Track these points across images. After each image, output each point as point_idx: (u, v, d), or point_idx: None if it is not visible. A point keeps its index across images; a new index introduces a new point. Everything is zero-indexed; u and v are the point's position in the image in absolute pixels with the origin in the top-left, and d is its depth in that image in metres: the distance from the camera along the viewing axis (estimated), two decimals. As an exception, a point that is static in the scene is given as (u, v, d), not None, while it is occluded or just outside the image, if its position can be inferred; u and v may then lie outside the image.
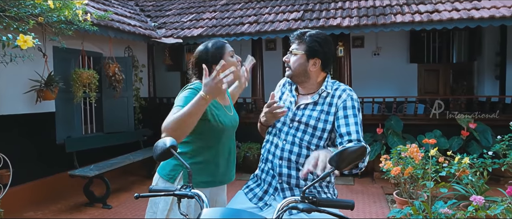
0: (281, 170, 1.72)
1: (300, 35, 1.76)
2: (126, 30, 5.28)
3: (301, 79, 1.77)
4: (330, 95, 1.73)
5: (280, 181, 1.73)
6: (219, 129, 1.81)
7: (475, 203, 2.55)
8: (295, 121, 1.75)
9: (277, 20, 5.91)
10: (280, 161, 1.73)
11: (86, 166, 4.84)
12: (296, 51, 1.74)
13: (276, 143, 1.77)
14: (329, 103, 1.72)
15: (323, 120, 1.70)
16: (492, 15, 4.83)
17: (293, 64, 1.75)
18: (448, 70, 7.69)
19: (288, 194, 1.72)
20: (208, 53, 1.83)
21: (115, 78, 5.12)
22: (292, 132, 1.74)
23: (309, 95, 1.78)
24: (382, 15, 5.39)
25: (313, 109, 1.73)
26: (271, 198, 1.75)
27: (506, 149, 4.30)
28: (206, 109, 1.74)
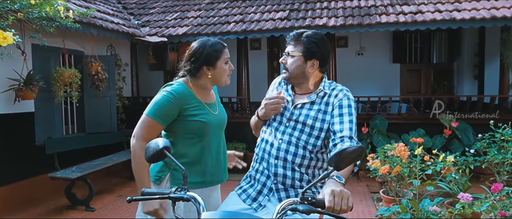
0: (277, 170, 1.70)
1: (297, 36, 1.73)
2: (109, 28, 5.14)
3: (299, 81, 1.76)
4: (328, 95, 1.72)
5: (275, 181, 1.71)
6: (201, 128, 1.77)
7: (463, 200, 2.60)
8: (292, 121, 1.72)
9: (263, 19, 5.89)
10: (276, 161, 1.70)
11: (67, 168, 4.69)
12: (294, 53, 1.71)
13: (271, 142, 1.74)
14: (326, 103, 1.71)
15: (320, 119, 1.69)
16: (473, 17, 4.96)
17: (291, 66, 1.72)
18: (429, 70, 7.87)
19: (282, 195, 1.70)
20: (203, 52, 1.76)
21: (98, 77, 4.98)
22: (289, 131, 1.71)
23: (306, 95, 1.76)
24: (367, 15, 5.45)
25: (310, 108, 1.72)
26: (265, 199, 1.72)
27: (487, 147, 4.43)
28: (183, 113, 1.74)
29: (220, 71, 1.80)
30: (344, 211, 1.22)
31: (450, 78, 7.75)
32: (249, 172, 1.87)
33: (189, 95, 1.77)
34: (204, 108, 1.80)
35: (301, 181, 1.70)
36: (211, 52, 1.76)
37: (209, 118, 1.80)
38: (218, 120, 1.85)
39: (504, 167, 4.23)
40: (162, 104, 1.72)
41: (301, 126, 1.70)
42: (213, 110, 1.85)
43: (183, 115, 1.75)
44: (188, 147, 1.79)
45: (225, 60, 1.80)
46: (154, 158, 1.44)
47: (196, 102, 1.78)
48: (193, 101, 1.77)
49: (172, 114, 1.74)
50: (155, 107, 1.72)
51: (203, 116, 1.78)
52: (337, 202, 1.21)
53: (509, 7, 5.17)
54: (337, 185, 1.30)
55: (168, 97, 1.73)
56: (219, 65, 1.78)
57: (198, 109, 1.78)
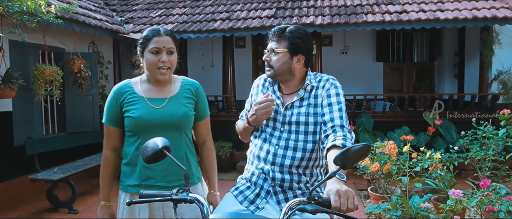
0: (274, 174, 1.66)
1: (280, 32, 1.66)
2: (93, 24, 4.99)
3: (285, 78, 1.69)
4: (315, 88, 1.69)
5: (273, 184, 1.68)
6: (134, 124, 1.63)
7: (454, 196, 2.65)
8: (286, 123, 1.68)
9: (249, 17, 5.86)
10: (272, 166, 1.66)
11: (49, 169, 4.53)
12: (278, 50, 1.65)
13: (267, 149, 1.69)
14: (315, 96, 1.68)
15: (312, 114, 1.66)
16: (456, 17, 5.08)
17: (276, 63, 1.65)
18: (411, 69, 8.03)
19: (281, 197, 1.67)
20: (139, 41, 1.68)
21: (80, 75, 4.82)
22: (285, 136, 1.67)
23: (294, 93, 1.72)
24: (353, 14, 5.50)
25: (300, 105, 1.68)
26: (263, 202, 1.69)
27: (469, 144, 4.55)
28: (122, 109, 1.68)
29: (147, 60, 1.63)
30: (350, 210, 1.21)
31: (431, 77, 7.94)
32: (244, 175, 1.83)
33: (127, 90, 1.69)
34: (141, 102, 1.64)
35: (299, 183, 1.67)
36: (141, 37, 1.67)
37: (141, 112, 1.63)
38: (161, 115, 1.65)
39: (486, 163, 4.35)
40: (107, 106, 1.71)
41: (295, 127, 1.66)
42: (156, 105, 1.66)
43: (122, 112, 1.68)
44: (128, 146, 1.69)
45: (152, 49, 1.61)
46: (152, 158, 1.38)
47: (132, 96, 1.66)
48: (130, 96, 1.67)
49: (116, 113, 1.68)
50: (104, 112, 1.71)
51: (134, 111, 1.63)
52: (343, 202, 1.20)
53: (489, 8, 5.32)
54: (341, 184, 1.29)
55: (110, 97, 1.71)
56: (146, 54, 1.63)
57: (132, 103, 1.65)
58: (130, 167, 1.68)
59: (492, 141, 4.38)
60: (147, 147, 1.39)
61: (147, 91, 1.70)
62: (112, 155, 1.72)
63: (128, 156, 1.68)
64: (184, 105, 1.73)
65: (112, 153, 1.72)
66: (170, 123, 1.68)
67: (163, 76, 1.66)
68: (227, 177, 5.53)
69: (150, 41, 1.63)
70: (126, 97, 1.68)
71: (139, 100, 1.67)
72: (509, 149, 4.43)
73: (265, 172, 1.68)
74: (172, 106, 1.71)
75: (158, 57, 1.62)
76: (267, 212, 1.67)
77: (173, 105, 1.71)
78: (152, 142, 1.39)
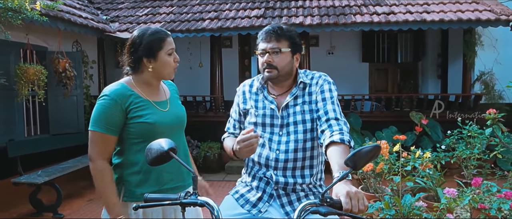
0: (278, 178, 1.64)
1: (279, 31, 1.64)
2: (78, 23, 4.84)
3: (285, 78, 1.68)
4: (308, 85, 1.68)
5: (276, 188, 1.66)
6: (149, 130, 1.57)
7: (448, 195, 2.69)
8: (284, 126, 1.66)
9: (238, 17, 5.82)
10: (275, 171, 1.65)
11: (32, 172, 4.37)
12: (284, 49, 1.63)
13: (267, 155, 1.66)
14: (309, 93, 1.67)
15: (308, 111, 1.65)
16: (441, 19, 5.20)
17: (281, 64, 1.63)
18: (396, 69, 8.18)
19: (284, 200, 1.66)
20: (142, 43, 1.55)
21: (65, 74, 4.67)
22: (284, 139, 1.65)
23: (287, 92, 1.70)
24: (342, 15, 5.55)
25: (295, 104, 1.67)
26: (266, 205, 1.67)
27: (455, 143, 4.67)
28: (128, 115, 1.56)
29: (163, 63, 1.57)
30: (361, 211, 1.20)
31: (415, 77, 8.10)
32: (243, 179, 1.80)
33: (130, 94, 1.57)
34: (151, 107, 1.60)
35: (302, 184, 1.67)
36: (151, 41, 1.55)
37: (157, 117, 1.60)
38: (170, 118, 1.65)
39: (471, 162, 4.46)
40: (103, 111, 1.53)
41: (294, 127, 1.65)
42: (163, 108, 1.64)
43: (128, 118, 1.56)
44: (137, 153, 1.60)
45: (168, 51, 1.58)
46: (158, 161, 1.34)
47: (140, 101, 1.59)
48: (136, 100, 1.58)
49: (119, 120, 1.54)
50: (97, 118, 1.53)
51: (149, 116, 1.58)
52: (354, 204, 1.19)
53: (473, 10, 5.47)
54: (349, 185, 1.28)
55: (107, 102, 1.53)
56: (161, 57, 1.56)
57: (142, 109, 1.58)
58: (142, 175, 1.60)
59: (477, 140, 4.51)
60: (151, 149, 1.35)
61: (149, 94, 1.64)
62: (107, 165, 1.59)
63: (139, 164, 1.59)
64: (180, 105, 1.78)
65: (107, 163, 1.59)
66: (178, 125, 1.69)
67: (173, 75, 1.65)
68: (215, 178, 5.48)
69: (165, 42, 1.58)
70: (132, 101, 1.58)
71: (147, 105, 1.61)
72: (491, 148, 4.57)
73: (267, 176, 1.67)
74: (174, 107, 1.71)
75: (173, 57, 1.62)
76: (271, 215, 1.66)
77: (175, 106, 1.72)
78: (156, 144, 1.35)
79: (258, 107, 1.72)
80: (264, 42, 1.65)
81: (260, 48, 1.66)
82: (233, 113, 1.84)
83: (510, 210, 2.62)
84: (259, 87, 1.73)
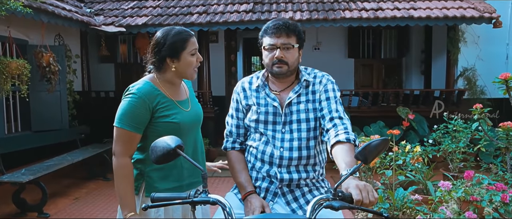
0: (282, 176, 1.64)
1: (289, 26, 1.64)
2: (62, 15, 4.67)
3: (292, 73, 1.68)
4: (311, 84, 1.68)
5: (280, 186, 1.66)
6: (174, 129, 1.60)
7: (443, 188, 2.76)
8: (287, 124, 1.65)
9: (227, 11, 5.76)
10: (279, 168, 1.64)
11: (15, 171, 4.20)
12: (295, 45, 1.63)
13: (271, 153, 1.65)
14: (313, 92, 1.68)
15: (311, 109, 1.66)
16: (428, 15, 5.30)
17: (291, 59, 1.63)
18: (381, 65, 8.30)
19: (289, 197, 1.66)
20: (165, 42, 1.58)
21: (49, 69, 4.50)
22: (288, 137, 1.64)
23: (288, 88, 1.70)
24: (331, 10, 5.58)
25: (298, 101, 1.67)
26: (270, 204, 1.66)
27: (441, 137, 4.79)
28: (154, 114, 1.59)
29: (186, 63, 1.60)
30: (372, 203, 1.22)
31: (400, 73, 8.24)
32: None
33: (157, 94, 1.60)
34: (175, 107, 1.64)
35: (306, 179, 1.67)
36: (175, 41, 1.57)
37: (182, 117, 1.64)
38: (191, 117, 1.69)
39: (456, 155, 4.59)
40: (130, 110, 1.55)
41: (297, 125, 1.65)
42: (185, 107, 1.68)
43: (154, 117, 1.59)
44: None
45: (191, 51, 1.60)
46: (164, 159, 1.33)
47: (166, 101, 1.62)
48: (162, 100, 1.61)
49: (145, 118, 1.57)
50: (124, 116, 1.55)
51: (175, 116, 1.62)
52: (365, 196, 1.21)
53: (457, 8, 5.60)
54: (357, 179, 1.31)
55: (134, 100, 1.55)
56: (184, 57, 1.59)
57: (168, 108, 1.62)
58: (165, 171, 1.63)
59: (462, 134, 4.64)
60: (157, 147, 1.33)
61: (173, 93, 1.67)
62: (130, 162, 1.61)
63: None
64: (197, 102, 1.82)
65: (130, 160, 1.61)
66: (197, 123, 1.75)
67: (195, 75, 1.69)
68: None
69: (188, 42, 1.60)
70: (159, 101, 1.60)
71: (171, 104, 1.64)
72: (475, 142, 4.72)
73: (271, 174, 1.65)
74: (194, 106, 1.76)
75: (195, 58, 1.64)
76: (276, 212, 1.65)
77: (194, 105, 1.76)
78: (162, 141, 1.33)
79: (260, 104, 1.70)
80: (274, 37, 1.62)
81: (269, 42, 1.63)
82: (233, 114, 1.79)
83: (501, 202, 2.70)
84: (261, 84, 1.71)
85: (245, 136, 1.79)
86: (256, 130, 1.71)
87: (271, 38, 1.63)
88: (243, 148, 1.79)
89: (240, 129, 1.78)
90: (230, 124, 1.80)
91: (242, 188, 1.66)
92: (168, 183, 1.62)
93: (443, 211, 2.66)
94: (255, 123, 1.69)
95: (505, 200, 2.69)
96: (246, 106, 1.74)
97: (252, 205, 1.57)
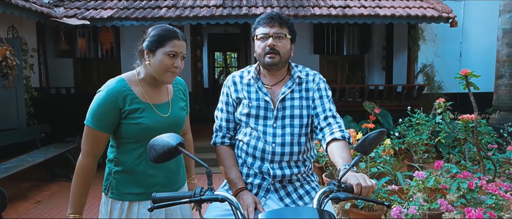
0: (275, 172, 1.64)
1: (282, 18, 1.65)
2: (20, 5, 4.32)
3: (283, 65, 1.69)
4: (304, 81, 1.70)
5: (273, 182, 1.66)
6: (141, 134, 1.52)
7: (418, 178, 2.90)
8: (279, 119, 1.66)
9: (197, 6, 5.65)
10: (272, 164, 1.64)
11: (-32, 174, 3.87)
12: (288, 35, 1.64)
13: (262, 148, 1.64)
14: (306, 89, 1.69)
15: (305, 106, 1.67)
16: (393, 14, 5.55)
17: (283, 49, 1.63)
18: (345, 61, 8.56)
19: (282, 192, 1.67)
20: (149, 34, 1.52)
21: (6, 64, 4.16)
22: (279, 132, 1.64)
23: (280, 82, 1.70)
24: (301, 7, 5.65)
25: (292, 97, 1.68)
26: (262, 201, 1.66)
27: (406, 130, 5.05)
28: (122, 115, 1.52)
29: (158, 61, 1.48)
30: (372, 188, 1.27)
31: (362, 69, 8.55)
32: None
33: (128, 94, 1.51)
34: (149, 109, 1.54)
35: (297, 174, 1.68)
36: (156, 35, 1.50)
37: (153, 122, 1.53)
38: (167, 123, 1.58)
39: (420, 147, 4.86)
40: (98, 108, 1.48)
41: (290, 121, 1.65)
42: (163, 112, 1.58)
43: (122, 118, 1.51)
44: (126, 153, 1.56)
45: (169, 51, 1.48)
46: (164, 157, 1.29)
47: (136, 102, 1.52)
48: (134, 101, 1.51)
49: (113, 118, 1.50)
50: (92, 113, 1.48)
51: (143, 120, 1.52)
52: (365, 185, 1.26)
53: (419, 7, 5.91)
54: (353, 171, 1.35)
55: (104, 99, 1.48)
56: (159, 54, 1.48)
57: (138, 111, 1.52)
58: (129, 175, 1.57)
59: (425, 127, 4.92)
60: (155, 145, 1.29)
61: (150, 94, 1.57)
62: (94, 162, 1.54)
63: (126, 164, 1.56)
64: (182, 108, 1.71)
65: (95, 160, 1.54)
66: (175, 129, 1.61)
67: (170, 80, 1.56)
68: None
69: (168, 42, 1.49)
70: (128, 101, 1.51)
71: (145, 107, 1.54)
72: (435, 134, 5.03)
73: (263, 170, 1.65)
74: (175, 110, 1.65)
75: (172, 61, 1.50)
76: (269, 208, 1.64)
77: (176, 110, 1.66)
78: (160, 140, 1.29)
79: (251, 99, 1.68)
80: (266, 26, 1.62)
81: (261, 32, 1.63)
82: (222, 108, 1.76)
83: (468, 189, 2.89)
84: (254, 77, 1.70)
85: (234, 131, 1.77)
86: (247, 125, 1.69)
87: (264, 28, 1.63)
88: (233, 143, 1.76)
89: (229, 123, 1.75)
90: (220, 119, 1.76)
91: (233, 185, 1.64)
92: (130, 188, 1.56)
93: (418, 199, 2.80)
94: (246, 117, 1.67)
95: (471, 187, 2.89)
96: (237, 99, 1.72)
97: (244, 202, 1.55)
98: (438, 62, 6.52)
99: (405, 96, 6.32)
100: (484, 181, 2.83)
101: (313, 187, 1.74)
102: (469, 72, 3.57)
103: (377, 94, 6.31)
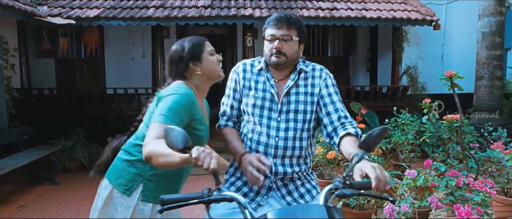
0: (277, 169, 1.66)
1: (289, 19, 1.67)
2: (3, 3, 4.19)
3: (291, 65, 1.71)
4: (310, 76, 1.72)
5: (275, 180, 1.67)
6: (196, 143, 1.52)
7: (409, 177, 2.97)
8: (284, 113, 1.68)
9: (185, 6, 5.61)
10: (274, 159, 1.66)
11: None
12: (294, 38, 1.66)
13: (265, 142, 1.66)
14: (312, 84, 1.71)
15: (310, 102, 1.69)
16: (379, 16, 5.65)
17: (290, 51, 1.65)
18: (330, 63, 8.66)
19: (283, 191, 1.69)
20: (184, 50, 1.64)
21: (-12, 63, 4.02)
22: (283, 126, 1.66)
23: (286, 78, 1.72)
24: (289, 8, 5.69)
25: (297, 92, 1.70)
26: (264, 199, 1.67)
27: (392, 130, 5.16)
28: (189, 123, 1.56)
29: (209, 62, 1.65)
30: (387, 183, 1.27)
31: (347, 71, 8.67)
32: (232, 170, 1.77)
33: (196, 103, 1.60)
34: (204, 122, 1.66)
35: (299, 172, 1.71)
36: (193, 45, 1.65)
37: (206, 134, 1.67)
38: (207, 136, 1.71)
39: (405, 147, 4.97)
40: (178, 108, 1.49)
41: (294, 115, 1.67)
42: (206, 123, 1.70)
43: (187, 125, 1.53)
44: None
45: (209, 51, 1.67)
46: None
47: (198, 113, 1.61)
48: (197, 111, 1.60)
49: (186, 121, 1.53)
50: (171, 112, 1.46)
51: (201, 132, 1.63)
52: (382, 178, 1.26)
53: (403, 10, 6.05)
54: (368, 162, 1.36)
55: (183, 100, 1.51)
56: (205, 57, 1.65)
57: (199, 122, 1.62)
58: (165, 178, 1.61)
59: (410, 127, 5.04)
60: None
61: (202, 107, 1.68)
62: None
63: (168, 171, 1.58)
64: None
65: None
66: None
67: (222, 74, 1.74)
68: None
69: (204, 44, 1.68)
70: (196, 109, 1.59)
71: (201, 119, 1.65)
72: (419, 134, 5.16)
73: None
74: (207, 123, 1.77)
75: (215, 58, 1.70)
76: (271, 207, 1.66)
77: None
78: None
79: (258, 89, 1.71)
80: (274, 28, 1.65)
81: (270, 33, 1.66)
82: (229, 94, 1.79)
83: (456, 186, 2.98)
84: (264, 67, 1.72)
85: (238, 118, 1.80)
86: (251, 118, 1.70)
87: (272, 29, 1.66)
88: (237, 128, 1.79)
89: (233, 110, 1.78)
90: (225, 104, 1.80)
91: (236, 154, 1.68)
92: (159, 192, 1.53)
93: (409, 198, 2.87)
94: (252, 107, 1.69)
95: (459, 185, 2.98)
96: (243, 88, 1.74)
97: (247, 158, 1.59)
98: (422, 64, 6.69)
99: (390, 97, 6.45)
100: (471, 179, 2.93)
101: (313, 185, 1.77)
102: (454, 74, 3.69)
103: (363, 95, 6.42)
